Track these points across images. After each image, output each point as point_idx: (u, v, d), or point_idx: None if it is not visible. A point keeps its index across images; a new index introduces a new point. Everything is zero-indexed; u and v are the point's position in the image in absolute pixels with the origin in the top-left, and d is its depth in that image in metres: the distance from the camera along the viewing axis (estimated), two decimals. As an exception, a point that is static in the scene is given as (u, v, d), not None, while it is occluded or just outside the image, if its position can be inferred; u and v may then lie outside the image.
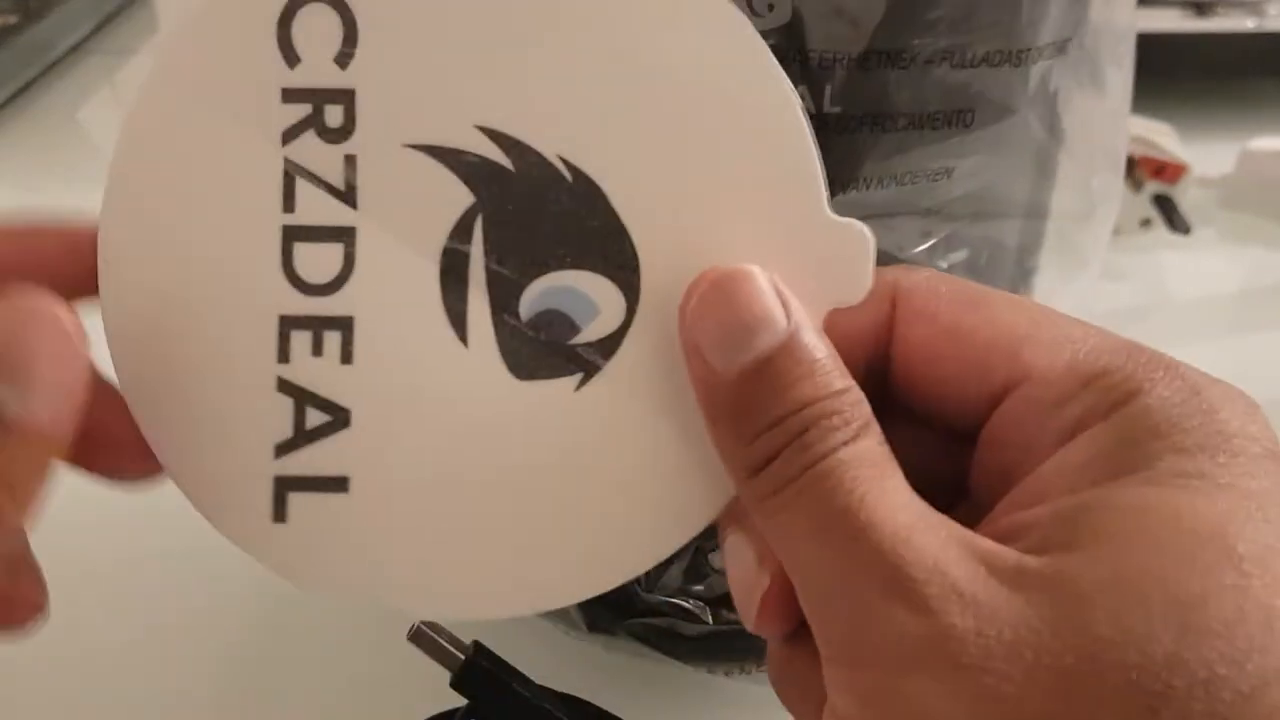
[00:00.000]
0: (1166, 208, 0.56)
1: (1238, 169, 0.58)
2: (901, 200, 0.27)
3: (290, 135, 0.21)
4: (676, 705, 0.34)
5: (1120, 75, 0.29)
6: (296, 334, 0.21)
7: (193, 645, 0.35)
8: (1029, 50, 0.26)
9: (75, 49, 0.76)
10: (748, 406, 0.20)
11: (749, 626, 0.21)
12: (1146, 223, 0.56)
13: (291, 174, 0.21)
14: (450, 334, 0.21)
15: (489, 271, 0.21)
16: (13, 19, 0.70)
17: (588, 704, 0.30)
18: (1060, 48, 0.27)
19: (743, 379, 0.20)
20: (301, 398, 0.21)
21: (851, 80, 0.26)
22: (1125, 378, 0.19)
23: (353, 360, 0.21)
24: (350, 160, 0.21)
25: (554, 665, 0.30)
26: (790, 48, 0.25)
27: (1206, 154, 0.58)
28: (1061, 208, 0.31)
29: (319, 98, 0.21)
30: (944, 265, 0.29)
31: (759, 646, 0.23)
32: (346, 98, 0.21)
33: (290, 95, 0.21)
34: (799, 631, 0.20)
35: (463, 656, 0.27)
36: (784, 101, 0.21)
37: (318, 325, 0.21)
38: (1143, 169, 0.55)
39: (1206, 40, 0.67)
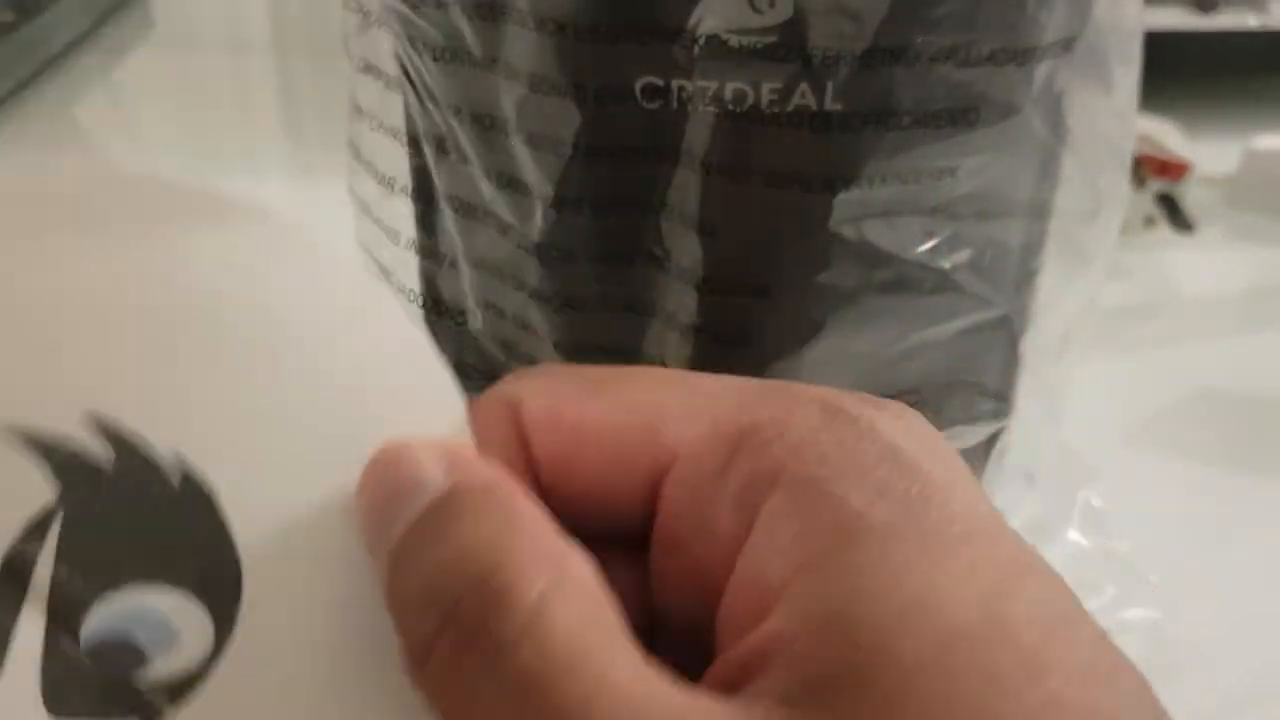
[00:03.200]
0: (1170, 206, 0.56)
1: (1242, 167, 0.58)
2: (905, 199, 0.27)
3: None
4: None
5: (1127, 74, 0.29)
6: None
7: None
8: (1034, 49, 0.26)
9: (71, 46, 0.76)
10: (404, 582, 0.16)
11: None
12: (1150, 221, 0.56)
13: None
14: None
15: (54, 580, 0.18)
16: (9, 16, 0.70)
17: None
18: (1066, 46, 0.27)
19: (401, 549, 0.16)
20: None
21: (854, 78, 0.25)
22: (771, 428, 0.17)
23: None
24: None
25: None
26: (791, 45, 0.25)
27: (1210, 152, 0.57)
28: (1066, 207, 0.30)
29: None
30: (947, 265, 0.28)
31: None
32: None
33: None
34: None
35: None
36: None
37: None
38: (1146, 167, 0.55)
39: (1210, 37, 0.67)
